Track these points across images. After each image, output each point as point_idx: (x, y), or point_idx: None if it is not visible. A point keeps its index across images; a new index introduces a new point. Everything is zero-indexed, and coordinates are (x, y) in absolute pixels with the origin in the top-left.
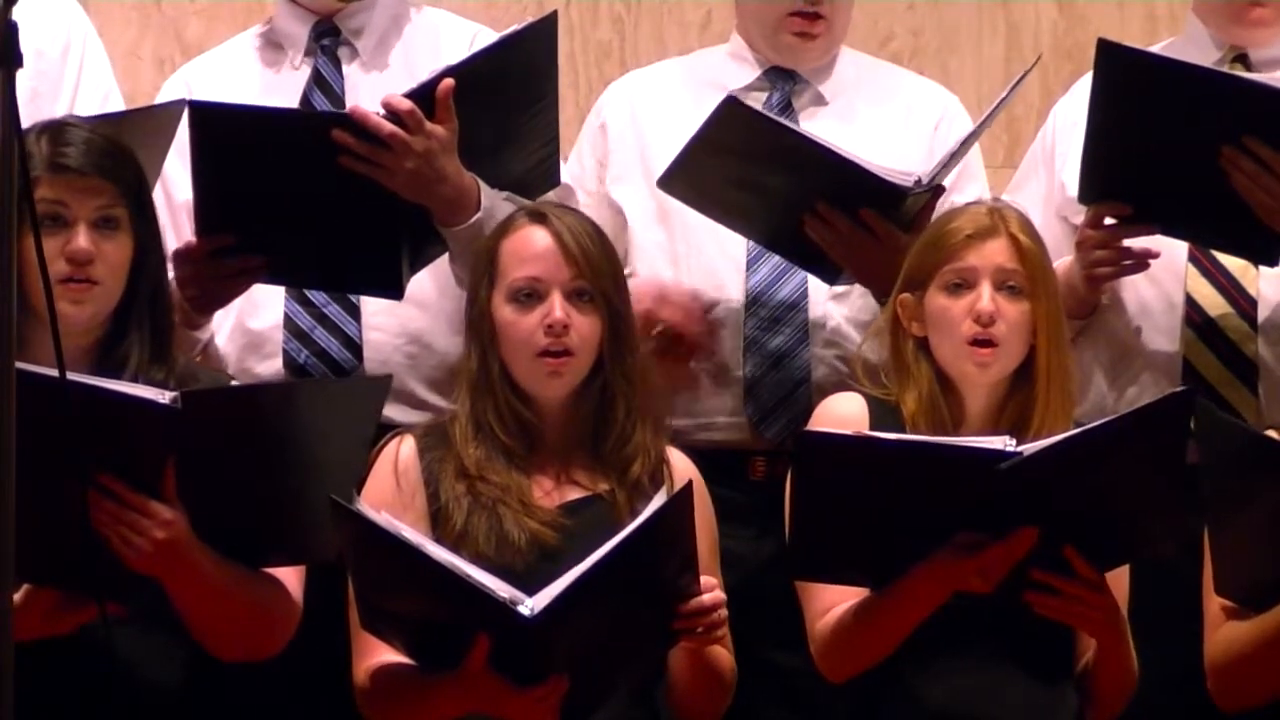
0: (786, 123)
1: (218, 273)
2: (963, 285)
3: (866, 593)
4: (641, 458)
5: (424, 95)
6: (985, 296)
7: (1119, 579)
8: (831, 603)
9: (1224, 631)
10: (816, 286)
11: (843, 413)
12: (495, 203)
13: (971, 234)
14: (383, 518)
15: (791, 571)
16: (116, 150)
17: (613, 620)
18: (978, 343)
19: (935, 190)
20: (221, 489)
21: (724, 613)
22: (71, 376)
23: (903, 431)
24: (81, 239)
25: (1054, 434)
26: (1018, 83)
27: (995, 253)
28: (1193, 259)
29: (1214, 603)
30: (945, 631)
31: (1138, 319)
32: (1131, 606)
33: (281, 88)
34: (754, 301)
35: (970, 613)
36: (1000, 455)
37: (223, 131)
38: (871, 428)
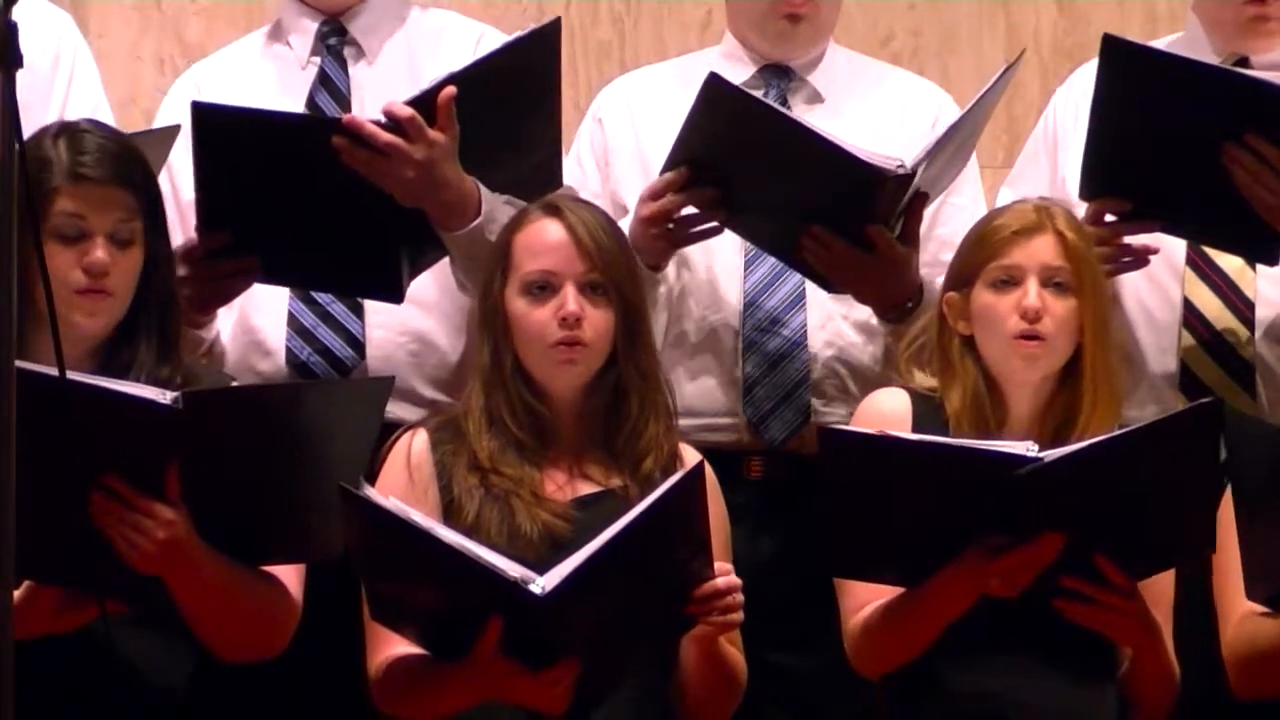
0: (768, 101)
1: (214, 273)
2: (1009, 282)
3: (901, 590)
4: (655, 452)
5: (425, 102)
6: (1032, 293)
7: (1163, 581)
8: (865, 600)
9: (1249, 625)
10: (815, 286)
11: (885, 409)
12: (495, 207)
13: (1018, 230)
14: (391, 502)
15: (830, 570)
16: (130, 155)
17: (624, 602)
18: (1024, 337)
19: (919, 195)
20: (224, 489)
21: (739, 597)
22: (73, 376)
23: (945, 430)
24: (100, 251)
25: (1099, 434)
26: (1000, 76)
27: (1041, 249)
28: (1191, 263)
29: (1233, 598)
30: (984, 629)
31: (1136, 323)
32: None
33: (289, 88)
34: (752, 302)
35: (1010, 611)
36: (1021, 460)
37: (225, 133)
38: (915, 425)
